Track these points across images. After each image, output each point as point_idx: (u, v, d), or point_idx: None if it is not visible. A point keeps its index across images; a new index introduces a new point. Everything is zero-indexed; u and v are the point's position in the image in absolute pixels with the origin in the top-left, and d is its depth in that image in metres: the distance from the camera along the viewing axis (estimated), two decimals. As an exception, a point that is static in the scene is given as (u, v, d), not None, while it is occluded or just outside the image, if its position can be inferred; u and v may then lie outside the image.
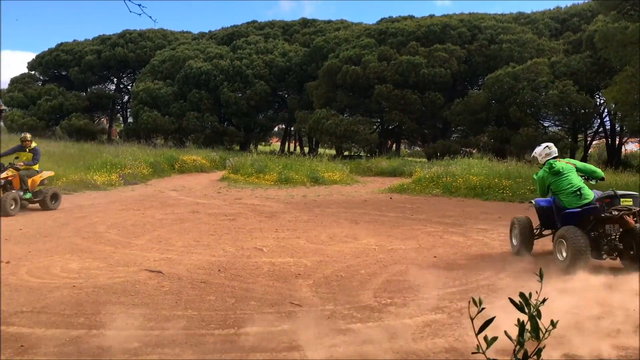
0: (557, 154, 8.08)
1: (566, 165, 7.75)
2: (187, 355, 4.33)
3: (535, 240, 8.31)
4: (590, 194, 7.45)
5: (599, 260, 7.25)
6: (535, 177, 8.07)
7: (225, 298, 5.98)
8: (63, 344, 4.55)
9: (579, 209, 7.32)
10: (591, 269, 6.87)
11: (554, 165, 7.70)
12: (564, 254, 7.19)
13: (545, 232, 8.31)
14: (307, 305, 5.76)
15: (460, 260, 8.06)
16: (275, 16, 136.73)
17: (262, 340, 4.67)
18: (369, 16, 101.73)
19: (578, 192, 7.42)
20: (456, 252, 8.70)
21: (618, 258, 7.15)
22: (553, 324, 1.67)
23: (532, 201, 8.59)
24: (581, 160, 27.93)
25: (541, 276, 1.78)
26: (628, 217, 6.93)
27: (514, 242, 8.46)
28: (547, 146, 8.18)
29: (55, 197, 13.24)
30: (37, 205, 12.94)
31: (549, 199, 8.07)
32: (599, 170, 8.13)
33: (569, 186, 7.53)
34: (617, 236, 7.13)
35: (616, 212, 7.02)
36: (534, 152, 8.42)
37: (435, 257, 8.34)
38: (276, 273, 7.19)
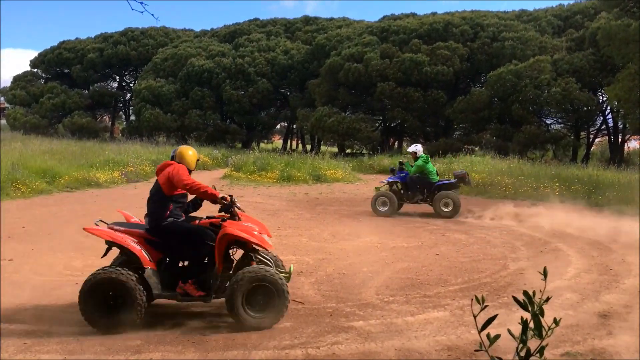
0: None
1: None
2: (189, 353, 4.35)
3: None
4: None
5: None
6: (418, 164, 12.52)
7: (228, 296, 5.99)
8: (66, 342, 4.57)
9: (446, 181, 12.76)
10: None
11: (428, 157, 12.86)
12: (449, 207, 12.17)
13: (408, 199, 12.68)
14: (309, 302, 5.77)
15: (462, 258, 8.06)
16: (277, 14, 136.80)
17: (264, 337, 4.68)
18: (371, 14, 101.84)
19: (437, 173, 12.90)
20: (458, 250, 8.70)
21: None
22: (556, 322, 1.67)
23: (392, 180, 13.04)
24: (584, 158, 27.94)
25: (545, 275, 1.78)
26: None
27: (383, 208, 12.40)
28: (421, 145, 13.17)
29: None
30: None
31: (403, 175, 12.75)
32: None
33: (433, 170, 12.78)
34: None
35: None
36: (415, 148, 12.91)
37: (437, 254, 8.34)
38: (278, 271, 7.20)
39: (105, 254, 5.28)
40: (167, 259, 5.30)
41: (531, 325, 1.66)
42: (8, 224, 10.40)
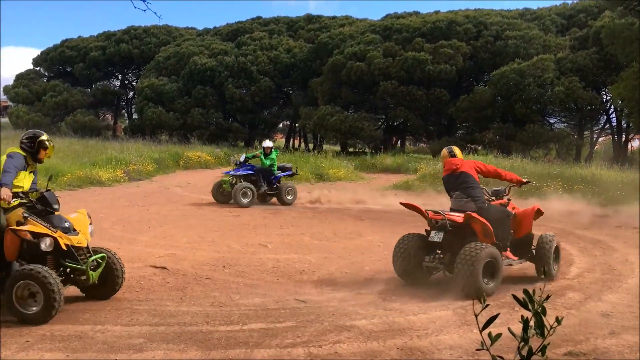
0: None
1: None
2: (191, 351, 4.35)
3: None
4: None
5: None
6: (273, 157, 14.05)
7: (230, 294, 6.00)
8: (68, 339, 4.58)
9: (286, 173, 14.46)
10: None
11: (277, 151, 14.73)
12: (292, 196, 14.06)
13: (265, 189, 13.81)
14: (311, 301, 5.77)
15: (465, 257, 8.03)
16: (280, 12, 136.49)
17: (266, 336, 4.68)
18: (374, 12, 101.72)
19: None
20: (461, 249, 8.68)
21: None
22: (558, 321, 1.66)
23: (240, 172, 13.80)
24: (587, 157, 27.86)
25: (545, 274, 1.77)
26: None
27: (245, 199, 13.18)
28: (272, 141, 14.21)
29: None
30: None
31: (249, 168, 13.85)
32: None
33: (277, 163, 14.34)
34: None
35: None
36: (270, 143, 14.50)
37: (439, 253, 8.33)
38: (281, 269, 7.20)
39: None
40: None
41: (532, 324, 1.66)
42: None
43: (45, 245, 5.11)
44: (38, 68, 49.50)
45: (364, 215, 12.36)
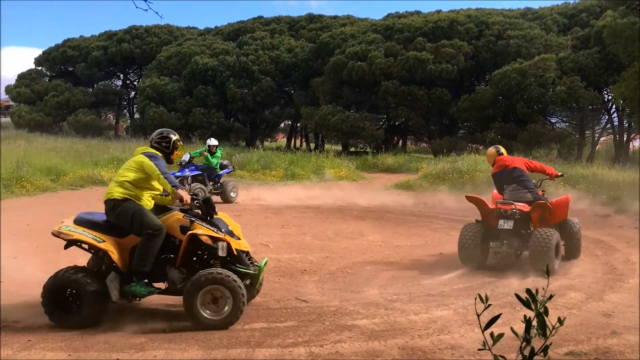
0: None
1: None
2: (193, 351, 4.35)
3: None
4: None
5: None
6: (218, 155, 14.02)
7: (231, 294, 5.99)
8: (70, 339, 4.59)
9: (228, 170, 14.62)
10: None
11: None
12: (235, 193, 14.32)
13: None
14: (312, 301, 5.77)
15: (466, 257, 8.03)
16: (281, 12, 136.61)
17: (267, 336, 4.68)
18: (376, 12, 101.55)
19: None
20: (462, 249, 8.67)
21: None
22: (560, 322, 1.66)
23: (188, 173, 13.35)
24: (589, 157, 27.81)
25: (548, 273, 1.77)
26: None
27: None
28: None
29: None
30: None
31: (193, 168, 13.55)
32: None
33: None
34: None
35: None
36: (215, 141, 14.16)
37: (441, 253, 8.34)
38: (282, 269, 7.21)
39: None
40: None
41: (535, 324, 1.66)
42: (13, 221, 10.43)
43: (222, 250, 4.98)
44: (40, 68, 49.57)
45: (365, 215, 12.36)
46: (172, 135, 5.55)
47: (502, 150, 8.13)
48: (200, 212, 5.12)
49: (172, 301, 5.64)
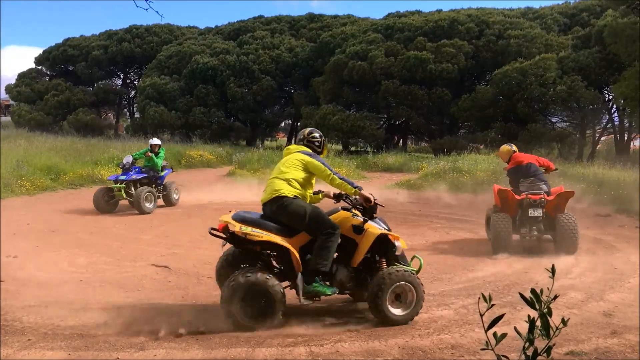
0: None
1: None
2: (193, 350, 4.35)
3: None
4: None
5: None
6: (162, 156, 13.35)
7: (232, 293, 5.98)
8: (70, 338, 4.58)
9: (169, 170, 13.97)
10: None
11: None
12: (178, 195, 13.77)
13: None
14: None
15: (467, 256, 8.04)
16: (281, 11, 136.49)
17: (268, 335, 4.67)
18: (376, 11, 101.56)
19: None
20: (463, 249, 8.68)
21: None
22: (564, 322, 1.65)
23: (134, 177, 12.58)
24: (589, 156, 27.80)
25: (553, 272, 1.76)
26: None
27: (149, 204, 12.13)
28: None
29: None
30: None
31: (137, 170, 12.76)
32: None
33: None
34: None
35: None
36: (158, 141, 13.56)
37: (441, 252, 8.33)
38: (282, 268, 7.19)
39: None
40: None
41: (538, 324, 1.64)
42: (13, 220, 10.44)
43: (399, 249, 5.11)
44: (40, 67, 49.56)
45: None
46: (320, 134, 5.64)
47: (515, 147, 9.11)
48: (362, 212, 5.13)
49: (173, 300, 5.62)
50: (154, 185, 12.86)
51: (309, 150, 5.35)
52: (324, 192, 5.44)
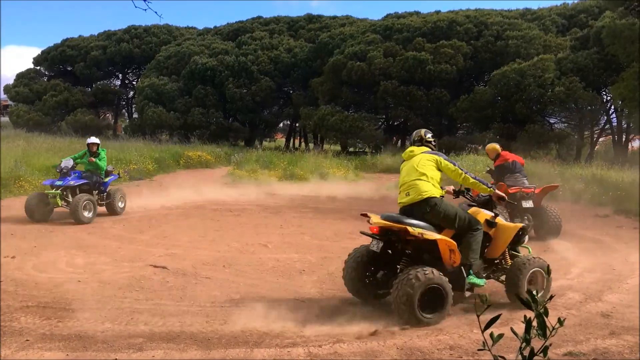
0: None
1: None
2: (191, 351, 4.34)
3: None
4: None
5: None
6: (104, 156, 11.86)
7: (230, 294, 6.00)
8: (68, 339, 4.57)
9: (115, 176, 12.62)
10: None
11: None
12: (123, 203, 12.05)
13: None
14: (311, 301, 5.76)
15: (465, 257, 8.03)
16: (280, 12, 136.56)
17: (266, 336, 4.67)
18: (375, 12, 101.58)
19: None
20: (461, 249, 8.68)
21: None
22: (560, 322, 1.66)
23: (72, 182, 11.22)
24: (588, 157, 27.83)
25: (548, 273, 1.76)
26: None
27: (88, 214, 10.79)
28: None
29: None
30: None
31: (76, 176, 11.40)
32: None
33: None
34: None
35: None
36: (93, 140, 11.91)
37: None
38: (281, 269, 7.20)
39: None
40: None
41: (534, 324, 1.65)
42: (11, 221, 10.43)
43: (525, 239, 5.83)
44: (39, 67, 49.49)
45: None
46: (432, 134, 5.99)
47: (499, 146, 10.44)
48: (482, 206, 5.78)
49: (171, 301, 5.61)
50: (96, 193, 11.57)
51: (431, 150, 5.72)
52: (446, 188, 5.83)
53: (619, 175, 16.28)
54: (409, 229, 5.06)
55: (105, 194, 11.77)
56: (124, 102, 51.16)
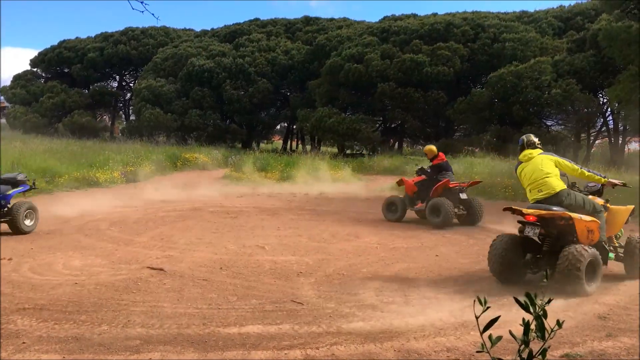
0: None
1: None
2: (188, 353, 4.33)
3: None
4: None
5: None
6: None
7: (227, 296, 5.98)
8: (65, 341, 4.56)
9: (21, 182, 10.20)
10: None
11: None
12: (35, 220, 9.79)
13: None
14: (308, 303, 5.75)
15: (463, 259, 8.05)
16: (278, 14, 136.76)
17: (263, 338, 4.67)
18: (372, 14, 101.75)
19: None
20: (458, 251, 8.69)
21: None
22: (559, 324, 1.66)
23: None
24: (584, 159, 27.89)
25: (546, 277, 1.77)
26: None
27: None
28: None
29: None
30: None
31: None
32: None
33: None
34: None
35: None
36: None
37: (437, 255, 8.33)
38: (278, 271, 7.19)
39: None
40: None
41: (533, 326, 1.65)
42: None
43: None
44: (35, 69, 49.46)
45: (362, 217, 12.36)
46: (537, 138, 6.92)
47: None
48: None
49: (168, 303, 5.60)
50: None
51: (545, 152, 6.73)
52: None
53: (615, 178, 16.29)
54: (572, 214, 5.94)
55: (5, 209, 9.47)
56: (121, 104, 51.13)
